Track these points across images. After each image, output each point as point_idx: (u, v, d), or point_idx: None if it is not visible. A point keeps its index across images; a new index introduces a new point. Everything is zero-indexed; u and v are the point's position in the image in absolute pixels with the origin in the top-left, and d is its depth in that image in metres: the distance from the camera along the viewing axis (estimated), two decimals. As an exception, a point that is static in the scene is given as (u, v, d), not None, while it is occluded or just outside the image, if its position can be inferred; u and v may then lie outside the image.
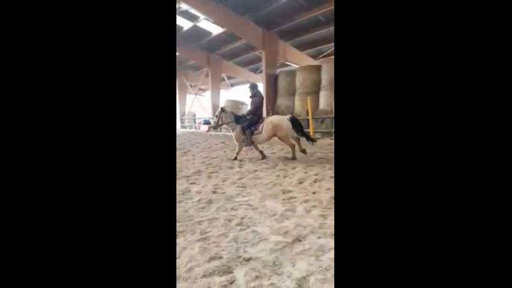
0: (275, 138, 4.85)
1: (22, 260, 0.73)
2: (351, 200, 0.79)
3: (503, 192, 0.70)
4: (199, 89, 17.05)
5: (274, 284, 1.25)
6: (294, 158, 4.72)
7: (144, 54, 0.85)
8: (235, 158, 4.85)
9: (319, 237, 1.70)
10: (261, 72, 12.12)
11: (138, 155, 0.83)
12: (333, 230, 1.76)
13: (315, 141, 5.05)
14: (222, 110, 5.05)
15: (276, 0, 8.54)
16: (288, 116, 4.82)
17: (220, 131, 10.97)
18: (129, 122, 0.83)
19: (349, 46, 0.83)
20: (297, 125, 4.76)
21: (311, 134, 6.99)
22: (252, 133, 4.74)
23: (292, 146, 4.78)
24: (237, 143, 4.99)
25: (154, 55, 0.87)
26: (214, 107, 13.54)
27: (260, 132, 4.71)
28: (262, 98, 5.01)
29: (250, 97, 4.94)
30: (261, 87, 8.46)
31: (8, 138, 0.75)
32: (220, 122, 5.01)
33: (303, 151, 4.84)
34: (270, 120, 4.74)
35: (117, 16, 0.83)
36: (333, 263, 1.38)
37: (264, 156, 4.95)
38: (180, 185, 3.20)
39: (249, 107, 5.01)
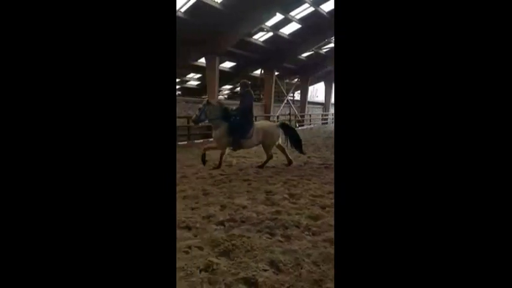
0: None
1: (22, 259, 0.73)
2: (351, 200, 0.78)
3: (503, 192, 0.69)
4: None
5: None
6: (261, 167, 4.19)
7: (144, 54, 0.84)
8: (219, 166, 4.14)
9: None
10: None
11: (138, 155, 0.82)
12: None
13: (304, 153, 4.51)
14: (208, 102, 4.28)
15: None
16: (278, 123, 4.37)
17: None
18: (129, 122, 0.82)
19: (349, 46, 0.82)
20: (290, 132, 4.29)
21: None
22: (241, 136, 4.03)
23: (270, 157, 4.27)
24: (216, 144, 4.16)
25: (154, 55, 0.85)
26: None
27: (250, 137, 4.07)
28: (253, 98, 4.33)
29: (240, 94, 4.28)
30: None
31: (8, 139, 0.75)
32: (202, 117, 4.15)
33: (290, 162, 4.31)
34: (260, 126, 4.24)
35: (117, 16, 0.82)
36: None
37: (219, 166, 4.15)
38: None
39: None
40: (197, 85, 16.82)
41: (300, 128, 15.74)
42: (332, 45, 14.67)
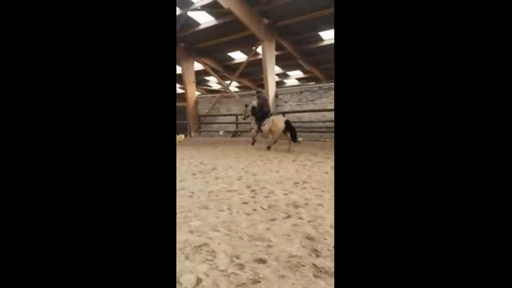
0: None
1: (19, 256, 0.73)
2: (351, 200, 0.79)
3: (504, 192, 0.70)
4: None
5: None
6: (268, 148, 6.46)
7: (144, 53, 0.84)
8: (253, 143, 7.11)
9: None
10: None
11: (138, 154, 0.82)
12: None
13: (296, 141, 6.25)
14: (246, 105, 7.03)
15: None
16: (285, 119, 6.27)
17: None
18: (130, 120, 0.82)
19: (349, 46, 0.82)
20: (289, 127, 6.13)
21: None
22: (259, 125, 6.54)
23: (275, 141, 6.47)
24: (254, 131, 6.97)
25: (154, 54, 0.85)
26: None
27: (265, 125, 6.39)
28: (265, 99, 6.81)
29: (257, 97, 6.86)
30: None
31: (8, 139, 0.75)
32: (246, 115, 6.98)
33: (288, 150, 6.14)
34: (271, 118, 6.36)
35: (116, 15, 0.82)
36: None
37: (253, 142, 7.15)
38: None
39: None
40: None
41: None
42: None
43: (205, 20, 10.06)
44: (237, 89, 16.42)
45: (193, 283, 1.32)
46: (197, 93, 13.04)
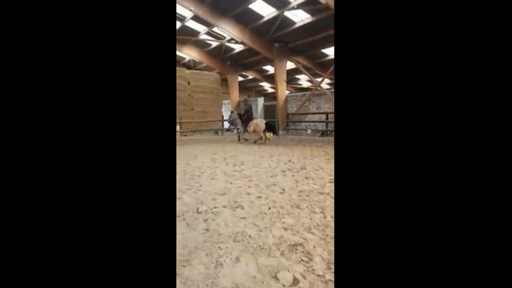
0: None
1: (19, 257, 0.73)
2: (351, 200, 0.79)
3: (504, 192, 0.70)
4: None
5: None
6: (263, 143, 8.16)
7: (144, 53, 0.84)
8: (239, 139, 8.93)
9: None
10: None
11: (138, 153, 0.82)
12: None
13: (277, 135, 8.85)
14: (232, 111, 9.78)
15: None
16: (265, 121, 8.46)
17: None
18: (130, 120, 0.82)
19: (349, 46, 0.83)
20: (270, 127, 8.38)
21: None
22: (246, 126, 8.57)
23: (260, 138, 8.31)
24: (240, 131, 9.19)
25: (154, 55, 0.85)
26: None
27: (250, 127, 8.43)
28: (250, 107, 8.85)
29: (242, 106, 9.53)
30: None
31: (6, 139, 0.75)
32: (232, 118, 9.39)
33: (256, 141, 8.35)
34: (255, 121, 8.39)
35: (116, 15, 0.82)
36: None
37: (242, 139, 8.86)
38: None
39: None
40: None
41: None
42: None
43: (300, 18, 10.06)
44: (328, 86, 15.87)
45: (290, 282, 1.32)
46: (287, 91, 13.25)
